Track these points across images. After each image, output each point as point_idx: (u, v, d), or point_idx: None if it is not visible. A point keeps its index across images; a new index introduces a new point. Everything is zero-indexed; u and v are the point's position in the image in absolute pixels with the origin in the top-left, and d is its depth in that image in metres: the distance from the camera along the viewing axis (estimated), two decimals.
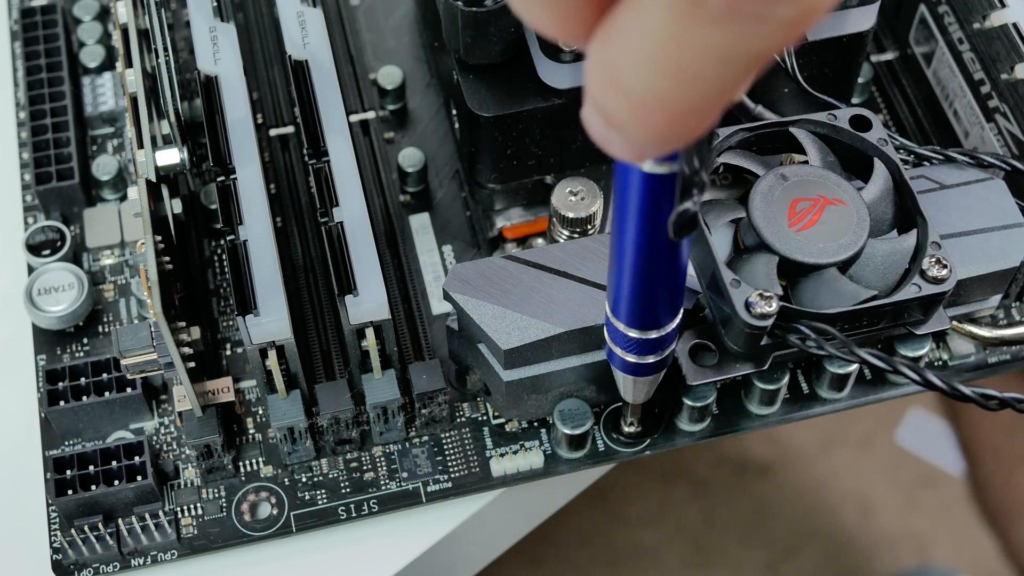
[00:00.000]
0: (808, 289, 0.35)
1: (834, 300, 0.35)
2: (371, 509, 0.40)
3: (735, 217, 0.36)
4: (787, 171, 0.36)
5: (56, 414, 0.40)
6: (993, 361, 0.43)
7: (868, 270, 0.35)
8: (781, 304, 0.34)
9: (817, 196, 0.35)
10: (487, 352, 0.37)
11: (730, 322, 0.34)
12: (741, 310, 0.33)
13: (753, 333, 0.34)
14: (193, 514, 0.39)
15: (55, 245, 0.44)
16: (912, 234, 0.36)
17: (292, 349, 0.37)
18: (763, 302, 0.33)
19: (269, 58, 0.48)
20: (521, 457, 0.40)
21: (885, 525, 0.91)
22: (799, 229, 0.35)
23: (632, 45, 0.20)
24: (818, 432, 0.94)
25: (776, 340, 0.35)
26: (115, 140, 0.48)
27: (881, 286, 0.35)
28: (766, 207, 0.35)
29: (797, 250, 0.35)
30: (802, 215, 0.35)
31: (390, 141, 0.47)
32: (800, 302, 0.35)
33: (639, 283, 0.29)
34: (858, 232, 0.35)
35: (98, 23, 0.50)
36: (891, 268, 0.36)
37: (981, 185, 0.38)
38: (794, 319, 0.34)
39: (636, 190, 0.25)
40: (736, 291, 0.34)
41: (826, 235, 0.35)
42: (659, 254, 0.27)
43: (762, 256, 0.35)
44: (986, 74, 0.42)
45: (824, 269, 0.35)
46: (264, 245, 0.38)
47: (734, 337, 0.35)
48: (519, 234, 0.44)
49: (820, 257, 0.35)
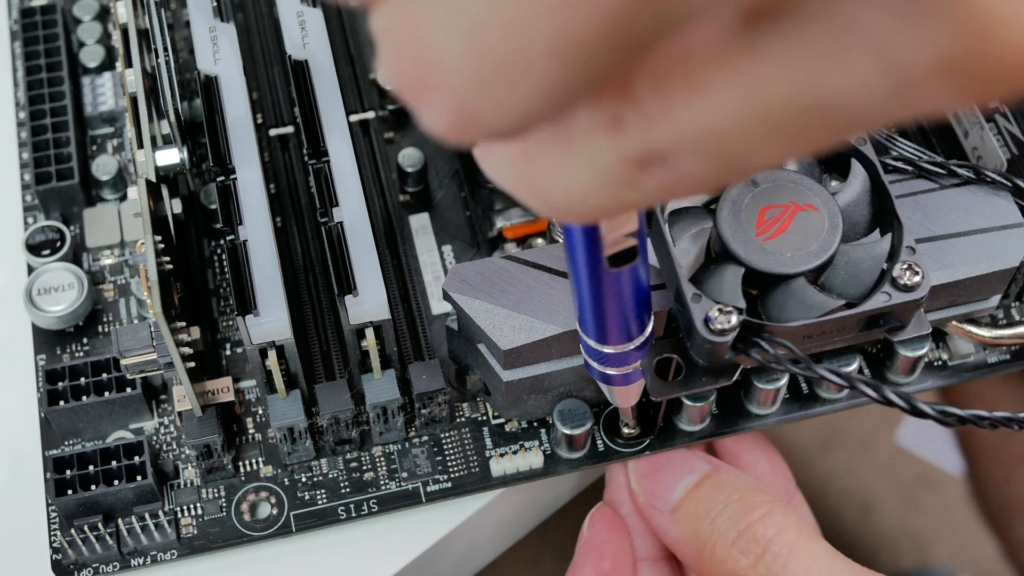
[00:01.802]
0: (776, 300, 0.34)
1: (802, 311, 0.33)
2: (371, 509, 0.40)
3: (701, 227, 0.35)
4: (758, 178, 0.35)
5: (56, 414, 0.40)
6: (993, 361, 0.43)
7: (841, 277, 0.34)
8: (743, 318, 0.33)
9: (787, 202, 0.34)
10: (487, 352, 0.37)
11: (693, 335, 0.34)
12: (700, 325, 0.33)
13: (714, 348, 0.33)
14: (193, 514, 0.39)
15: (55, 245, 0.44)
16: (886, 239, 0.35)
17: (292, 349, 0.37)
18: (722, 317, 0.32)
19: (269, 58, 0.48)
20: (521, 457, 0.40)
21: (885, 525, 0.91)
22: (767, 238, 0.34)
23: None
24: (818, 432, 0.94)
25: (739, 353, 0.34)
26: (115, 140, 0.48)
27: (854, 293, 0.34)
28: (734, 216, 0.34)
29: (762, 260, 0.34)
30: (771, 223, 0.34)
31: (390, 141, 0.47)
32: (769, 313, 0.34)
33: (595, 305, 0.28)
34: (829, 239, 0.34)
35: (98, 23, 0.50)
36: (864, 274, 0.34)
37: (981, 185, 0.38)
38: (757, 332, 0.33)
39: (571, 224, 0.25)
40: (696, 305, 0.33)
41: (795, 243, 0.34)
42: (607, 277, 0.27)
43: (729, 267, 0.34)
44: None
45: (792, 279, 0.34)
46: (264, 245, 0.38)
47: (698, 351, 0.34)
48: (519, 234, 0.44)
49: (786, 266, 0.34)
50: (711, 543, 0.36)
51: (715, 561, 0.36)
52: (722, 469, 0.38)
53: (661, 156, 0.18)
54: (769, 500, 0.36)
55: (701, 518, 0.36)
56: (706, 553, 0.36)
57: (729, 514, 0.36)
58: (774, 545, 0.35)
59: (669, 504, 0.37)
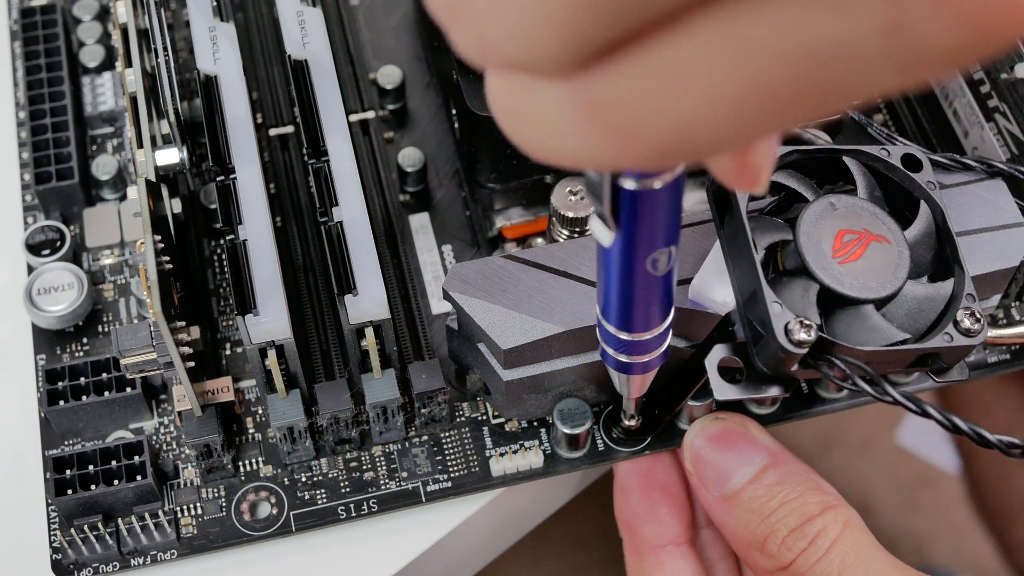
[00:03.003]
0: (842, 322, 0.34)
1: (866, 337, 0.34)
2: (371, 509, 0.40)
3: (780, 239, 0.36)
4: (837, 200, 0.35)
5: (56, 414, 0.40)
6: (993, 361, 0.43)
7: (901, 312, 0.35)
8: (819, 334, 0.33)
9: (863, 230, 0.35)
10: (487, 351, 0.37)
11: (763, 343, 0.34)
12: (780, 334, 0.33)
13: (785, 358, 0.33)
14: (193, 514, 0.39)
15: (55, 245, 0.44)
16: (949, 282, 0.35)
17: (291, 349, 0.37)
18: (802, 329, 0.33)
19: (269, 58, 0.48)
20: (521, 457, 0.40)
21: (885, 525, 0.91)
22: (842, 260, 0.34)
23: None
24: (818, 432, 0.94)
25: (806, 367, 0.34)
26: (115, 140, 0.48)
27: (911, 329, 0.35)
28: (813, 233, 0.35)
29: (838, 281, 0.34)
30: (847, 247, 0.34)
31: (390, 141, 0.47)
32: (830, 333, 0.34)
33: (624, 292, 0.28)
34: (898, 272, 0.34)
35: (98, 23, 0.50)
36: (924, 313, 0.35)
37: (980, 185, 0.38)
38: (828, 351, 0.33)
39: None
40: (778, 314, 0.33)
41: (867, 270, 0.34)
42: (643, 269, 0.27)
43: (801, 281, 0.34)
44: (986, 74, 0.42)
45: (861, 304, 0.34)
46: (264, 245, 0.38)
47: (765, 358, 0.34)
48: (519, 234, 0.44)
49: (860, 292, 0.34)
50: (762, 538, 0.36)
51: (765, 556, 0.36)
52: (780, 461, 0.38)
53: (621, 105, 0.18)
54: (824, 500, 0.36)
55: (754, 512, 0.36)
56: (755, 547, 0.36)
57: (783, 514, 0.36)
58: (820, 539, 0.35)
59: (723, 492, 0.37)
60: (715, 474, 0.37)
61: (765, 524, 0.36)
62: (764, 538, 0.36)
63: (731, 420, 0.38)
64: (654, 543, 0.40)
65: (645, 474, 0.40)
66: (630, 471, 0.41)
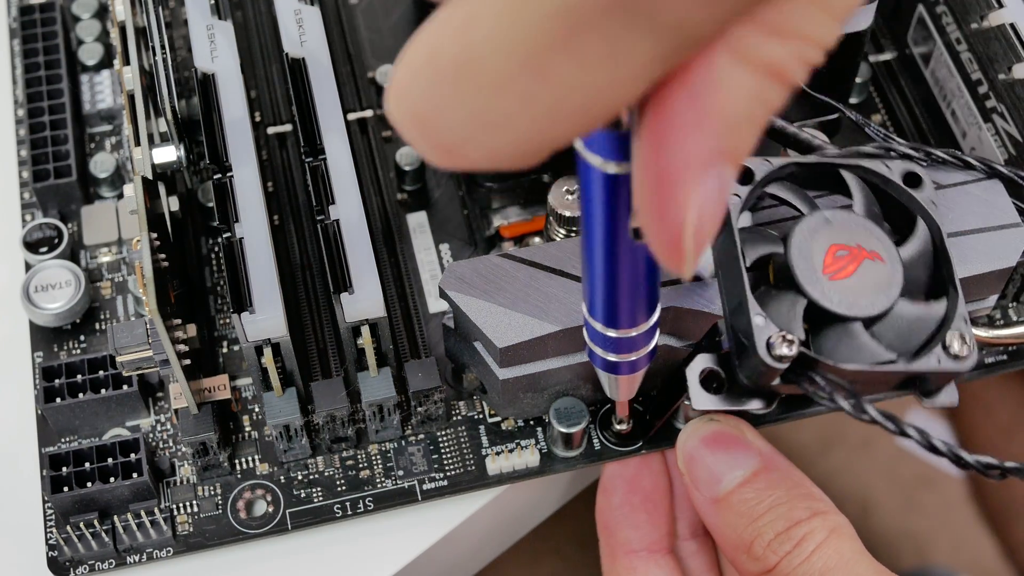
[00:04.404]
0: (828, 339, 0.34)
1: (853, 355, 0.33)
2: (367, 507, 0.40)
3: (771, 251, 0.35)
4: (831, 215, 0.35)
5: (52, 411, 0.40)
6: (990, 361, 0.43)
7: (891, 332, 0.34)
8: (801, 350, 0.32)
9: (856, 246, 0.34)
10: (483, 350, 0.37)
11: (746, 355, 0.33)
12: (761, 348, 0.32)
13: (766, 372, 0.33)
14: (189, 511, 0.39)
15: (52, 242, 0.44)
16: (942, 303, 0.35)
17: (288, 347, 0.37)
18: (784, 344, 0.32)
19: (267, 56, 0.48)
20: (517, 455, 0.40)
21: (885, 525, 0.91)
22: (833, 276, 0.34)
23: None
24: (818, 432, 0.94)
25: (788, 383, 0.34)
26: (113, 138, 0.48)
27: (901, 350, 0.34)
28: (805, 248, 0.34)
29: (826, 297, 0.33)
30: (839, 263, 0.34)
31: (387, 139, 0.47)
32: (817, 350, 0.34)
33: (608, 282, 0.28)
34: (890, 291, 0.34)
35: (96, 21, 0.50)
36: (914, 334, 0.34)
37: (977, 185, 0.38)
38: (810, 367, 0.33)
39: (596, 191, 0.24)
40: (761, 327, 0.33)
41: (858, 288, 0.34)
42: (625, 254, 0.27)
43: (789, 296, 0.34)
44: (984, 74, 0.42)
45: (849, 322, 0.34)
46: (260, 243, 0.38)
47: (747, 371, 0.34)
48: (516, 233, 0.44)
49: (848, 309, 0.33)
50: (749, 541, 0.36)
51: (751, 558, 0.36)
52: (772, 465, 0.38)
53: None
54: (813, 506, 0.36)
55: (743, 516, 0.36)
56: (742, 549, 0.36)
57: (771, 518, 0.36)
58: (804, 543, 0.35)
59: (714, 494, 0.37)
60: (707, 476, 0.37)
61: (753, 527, 0.36)
62: (751, 541, 0.36)
63: (725, 422, 0.38)
64: (628, 547, 0.40)
65: (630, 478, 0.40)
66: (616, 473, 0.41)
